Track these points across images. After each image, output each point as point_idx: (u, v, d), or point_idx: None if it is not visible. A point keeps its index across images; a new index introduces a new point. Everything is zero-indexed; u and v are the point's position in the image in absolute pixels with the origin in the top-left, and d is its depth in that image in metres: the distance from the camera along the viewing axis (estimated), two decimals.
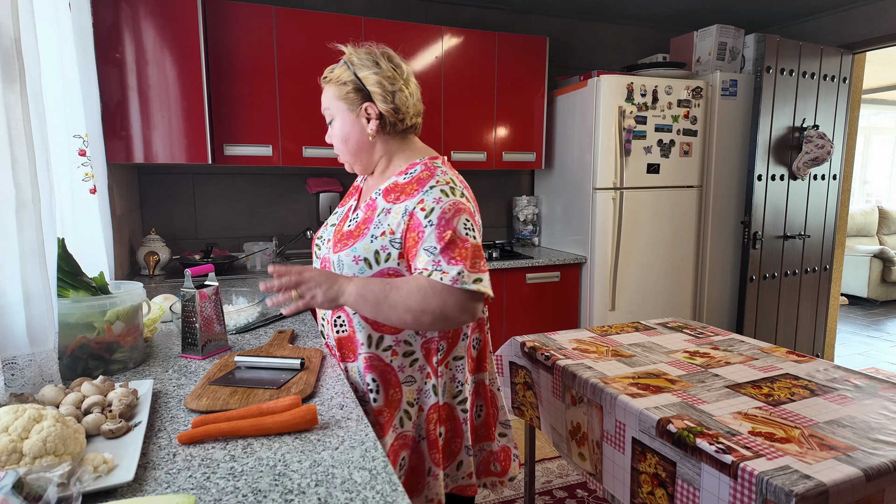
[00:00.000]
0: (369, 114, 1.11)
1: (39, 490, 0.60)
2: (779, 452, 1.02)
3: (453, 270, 0.96)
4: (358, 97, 1.10)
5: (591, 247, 2.91)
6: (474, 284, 0.97)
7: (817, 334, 3.44)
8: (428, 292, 0.96)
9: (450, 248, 0.99)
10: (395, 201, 1.07)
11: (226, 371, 1.08)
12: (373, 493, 0.70)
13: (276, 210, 2.94)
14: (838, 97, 3.21)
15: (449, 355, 1.13)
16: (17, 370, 0.97)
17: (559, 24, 3.42)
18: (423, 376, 1.12)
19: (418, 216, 1.02)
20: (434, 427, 1.12)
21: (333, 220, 1.24)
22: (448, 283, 0.96)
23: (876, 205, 6.38)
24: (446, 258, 0.98)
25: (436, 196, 1.03)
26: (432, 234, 1.00)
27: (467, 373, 1.17)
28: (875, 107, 6.66)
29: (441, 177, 1.07)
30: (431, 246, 0.99)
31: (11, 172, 0.96)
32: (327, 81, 1.13)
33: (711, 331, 1.83)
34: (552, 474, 2.36)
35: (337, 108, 1.12)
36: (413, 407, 1.12)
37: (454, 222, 1.01)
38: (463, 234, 1.01)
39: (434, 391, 1.12)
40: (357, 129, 1.12)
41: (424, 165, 1.11)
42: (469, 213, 1.05)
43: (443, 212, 1.01)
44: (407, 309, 0.97)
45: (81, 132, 1.63)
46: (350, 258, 1.06)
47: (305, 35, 2.52)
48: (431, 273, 0.97)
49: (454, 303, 0.97)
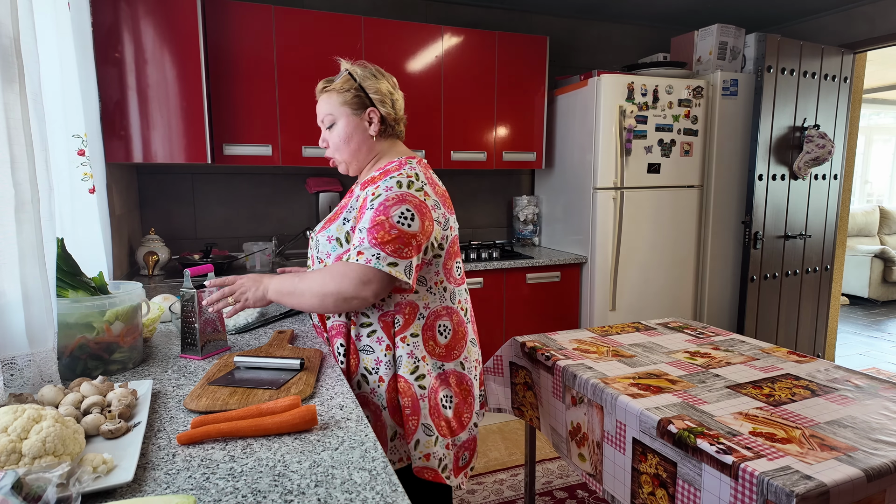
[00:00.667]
0: (371, 118, 1.25)
1: (39, 490, 0.60)
2: (780, 453, 1.02)
3: (369, 252, 1.08)
4: (361, 103, 1.24)
5: (592, 247, 2.91)
6: (387, 267, 1.08)
7: (818, 334, 3.43)
8: (326, 277, 1.10)
9: (375, 229, 1.09)
10: (363, 188, 1.21)
11: (225, 371, 1.08)
12: (372, 493, 0.69)
13: (275, 210, 2.94)
14: (839, 97, 3.20)
15: (405, 331, 1.20)
16: (16, 370, 0.97)
17: (559, 24, 3.41)
18: (381, 347, 1.20)
19: (368, 200, 1.15)
20: (393, 397, 1.21)
21: None
22: (359, 262, 1.08)
23: (877, 205, 6.37)
24: (369, 238, 1.09)
25: (388, 185, 1.15)
26: (369, 215, 1.12)
27: (424, 352, 1.21)
28: (876, 106, 6.65)
29: (407, 170, 1.19)
30: (363, 226, 1.12)
31: (11, 172, 0.96)
32: (328, 90, 1.25)
33: (712, 331, 1.82)
34: (552, 475, 2.36)
35: (340, 112, 1.24)
36: (372, 374, 1.20)
37: (391, 210, 1.11)
38: (395, 220, 1.10)
39: (394, 363, 1.20)
40: (360, 130, 1.26)
41: (398, 162, 1.23)
42: (415, 206, 1.14)
43: (386, 199, 1.13)
44: (312, 294, 1.11)
45: (80, 132, 1.63)
46: (325, 238, 1.22)
47: (305, 35, 2.51)
48: (353, 251, 1.10)
49: (349, 284, 1.08)
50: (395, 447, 1.23)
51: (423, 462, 1.20)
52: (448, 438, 1.24)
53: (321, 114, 1.27)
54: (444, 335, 1.25)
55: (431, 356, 1.22)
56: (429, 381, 1.21)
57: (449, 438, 1.24)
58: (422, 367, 1.21)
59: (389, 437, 1.22)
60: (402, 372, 1.20)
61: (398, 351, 1.20)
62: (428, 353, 1.22)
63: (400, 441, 1.22)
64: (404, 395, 1.19)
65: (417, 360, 1.21)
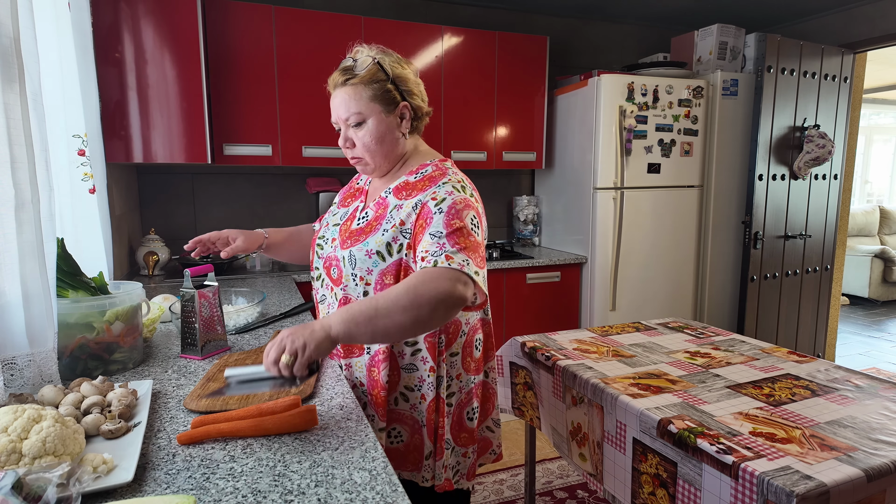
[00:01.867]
0: (404, 113, 1.13)
1: (39, 490, 0.60)
2: (780, 453, 1.02)
3: (459, 257, 0.97)
4: (393, 97, 1.10)
5: (592, 247, 2.91)
6: (475, 276, 0.99)
7: (818, 334, 3.43)
8: (417, 285, 0.93)
9: (456, 234, 1.00)
10: (406, 197, 1.10)
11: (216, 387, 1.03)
12: (373, 493, 0.69)
13: (276, 210, 2.94)
14: (839, 97, 3.20)
15: (448, 350, 1.15)
16: (16, 370, 0.97)
17: (560, 24, 3.41)
18: (426, 367, 1.14)
19: (429, 205, 1.05)
20: (432, 416, 1.16)
21: (335, 220, 1.24)
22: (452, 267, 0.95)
23: (877, 204, 6.37)
24: (451, 242, 0.99)
25: (448, 189, 1.07)
26: (440, 220, 1.02)
27: (461, 370, 1.18)
28: (876, 106, 6.65)
29: (452, 176, 1.12)
30: (437, 231, 1.01)
31: (11, 172, 0.96)
32: (355, 82, 1.08)
33: (712, 331, 1.82)
34: (552, 475, 2.36)
35: (371, 109, 1.09)
36: (413, 392, 1.15)
37: (464, 214, 1.04)
38: (470, 227, 1.03)
39: (438, 383, 1.15)
40: (393, 129, 1.12)
41: (435, 166, 1.15)
42: (477, 213, 1.08)
43: (454, 202, 1.04)
44: (402, 309, 0.91)
45: (81, 132, 1.63)
46: (363, 252, 1.09)
47: (305, 34, 2.51)
48: (435, 257, 0.97)
49: (449, 284, 0.94)
50: (428, 466, 1.17)
51: (443, 475, 1.18)
52: (467, 447, 1.23)
53: (346, 111, 1.10)
54: (478, 348, 1.22)
55: (467, 373, 1.19)
56: (457, 398, 1.19)
57: (468, 447, 1.23)
58: (453, 385, 1.17)
59: (425, 456, 1.17)
60: (441, 392, 1.16)
61: (440, 371, 1.15)
62: (464, 370, 1.19)
63: (433, 460, 1.18)
64: (441, 416, 1.16)
65: (452, 379, 1.17)
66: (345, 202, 1.29)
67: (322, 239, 1.23)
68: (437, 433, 1.17)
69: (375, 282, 1.10)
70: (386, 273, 1.09)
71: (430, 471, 1.18)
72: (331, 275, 1.17)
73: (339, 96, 1.11)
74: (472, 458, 1.25)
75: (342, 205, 1.29)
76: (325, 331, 0.89)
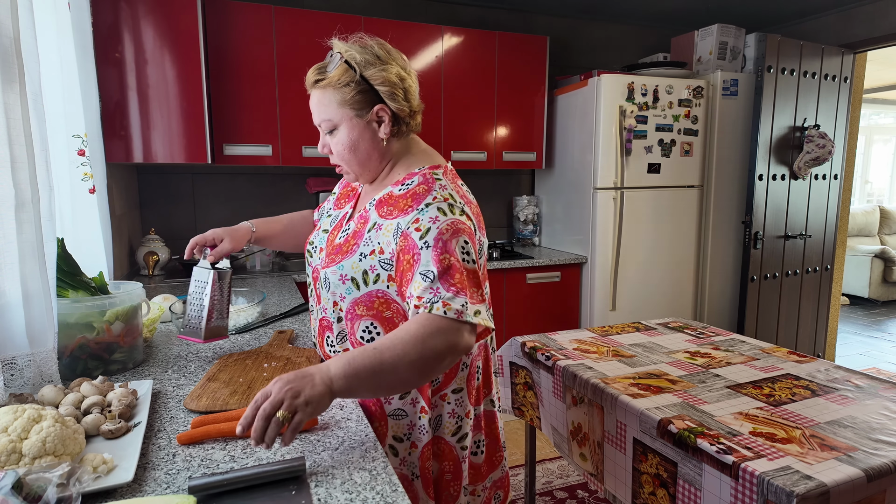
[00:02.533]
0: (381, 117, 1.00)
1: (39, 490, 0.60)
2: (780, 453, 1.02)
3: (457, 302, 0.86)
4: (366, 99, 0.98)
5: (592, 247, 2.91)
6: (475, 317, 0.87)
7: (818, 334, 3.43)
8: (426, 337, 0.83)
9: (448, 274, 0.88)
10: (386, 215, 0.98)
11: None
12: (373, 493, 0.69)
13: (276, 210, 2.93)
14: (839, 97, 3.20)
15: (446, 387, 1.03)
16: (16, 370, 0.97)
17: (560, 24, 3.41)
18: (415, 410, 1.01)
19: (413, 237, 0.92)
20: (428, 465, 1.02)
21: (327, 224, 1.15)
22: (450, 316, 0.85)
23: (877, 204, 6.37)
24: (445, 285, 0.87)
25: (432, 215, 0.93)
26: (429, 256, 0.89)
27: (469, 406, 1.06)
28: (876, 106, 6.65)
29: (439, 192, 0.97)
30: (428, 270, 0.89)
31: (11, 172, 0.96)
32: (323, 85, 0.99)
33: (712, 331, 1.82)
34: (553, 475, 2.36)
35: (341, 115, 0.99)
36: (402, 443, 1.02)
37: (452, 244, 0.91)
38: (461, 257, 0.91)
39: (430, 425, 1.01)
40: (367, 135, 1.00)
41: (423, 177, 1.00)
42: (468, 234, 0.94)
43: (440, 232, 0.91)
44: (409, 363, 0.82)
45: (81, 132, 1.63)
46: (337, 276, 0.99)
47: (305, 34, 2.51)
48: (431, 303, 0.86)
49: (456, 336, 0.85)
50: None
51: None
52: (479, 484, 1.11)
53: (317, 116, 1.02)
54: (479, 377, 1.09)
55: (472, 405, 1.07)
56: (469, 439, 1.07)
57: (480, 483, 1.11)
58: (465, 425, 1.04)
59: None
60: (442, 434, 1.03)
61: (437, 411, 1.02)
62: (472, 405, 1.06)
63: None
64: (445, 460, 1.03)
65: (461, 419, 1.04)
66: (339, 202, 1.20)
67: (311, 245, 1.14)
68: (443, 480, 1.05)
69: (347, 310, 1.00)
70: (358, 303, 0.98)
71: None
72: (317, 287, 1.08)
73: (312, 98, 1.02)
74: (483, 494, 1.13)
75: (337, 205, 1.19)
76: (327, 385, 0.78)
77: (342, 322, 1.02)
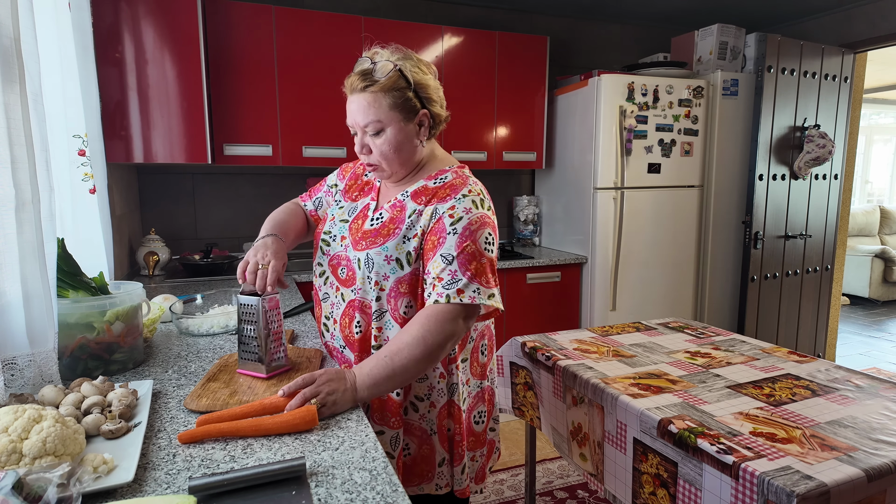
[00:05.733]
0: (422, 121, 1.10)
1: (39, 490, 0.60)
2: (780, 453, 1.02)
3: (469, 288, 1.01)
4: (413, 105, 1.07)
5: (592, 247, 2.91)
6: (489, 300, 1.02)
7: (818, 334, 3.43)
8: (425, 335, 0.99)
9: (467, 259, 1.02)
10: (425, 203, 1.09)
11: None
12: (373, 493, 0.69)
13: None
14: (839, 97, 3.20)
15: (458, 357, 1.15)
16: (16, 370, 0.97)
17: (560, 24, 3.41)
18: (435, 375, 1.14)
19: (444, 220, 1.05)
20: (445, 423, 1.16)
21: (342, 214, 1.20)
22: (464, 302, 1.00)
23: (877, 204, 6.37)
24: (462, 269, 1.01)
25: (466, 206, 1.06)
26: (453, 241, 1.03)
27: (469, 375, 1.20)
28: (876, 106, 6.65)
29: (473, 187, 1.10)
30: (449, 254, 1.02)
31: (11, 172, 0.96)
32: (374, 90, 1.04)
33: (712, 331, 1.82)
34: (553, 475, 2.36)
35: (391, 117, 1.05)
36: (423, 402, 1.15)
37: (477, 235, 1.04)
38: (482, 247, 1.04)
39: (447, 389, 1.15)
40: (411, 137, 1.10)
41: (455, 173, 1.13)
42: (493, 228, 1.08)
43: (469, 223, 1.04)
44: (416, 362, 0.98)
45: (81, 132, 1.63)
46: (381, 257, 1.08)
47: (305, 34, 2.51)
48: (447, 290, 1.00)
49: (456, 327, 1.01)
50: (441, 473, 1.17)
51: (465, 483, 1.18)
52: (475, 451, 1.24)
53: (364, 118, 1.05)
54: (484, 353, 1.23)
55: (474, 377, 1.21)
56: (467, 404, 1.19)
57: (477, 451, 1.24)
58: (464, 390, 1.18)
59: (438, 463, 1.17)
60: (455, 398, 1.16)
61: (452, 378, 1.15)
62: (472, 375, 1.20)
63: (447, 467, 1.18)
64: (456, 422, 1.16)
65: (463, 385, 1.18)
66: (350, 194, 1.24)
67: (329, 235, 1.19)
68: (453, 440, 1.17)
69: (390, 288, 1.09)
70: (402, 281, 1.08)
71: (444, 478, 1.18)
72: (337, 274, 1.15)
73: (356, 102, 1.06)
74: (480, 461, 1.25)
75: (348, 197, 1.24)
76: (353, 394, 0.94)
77: (382, 301, 1.10)
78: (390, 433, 1.14)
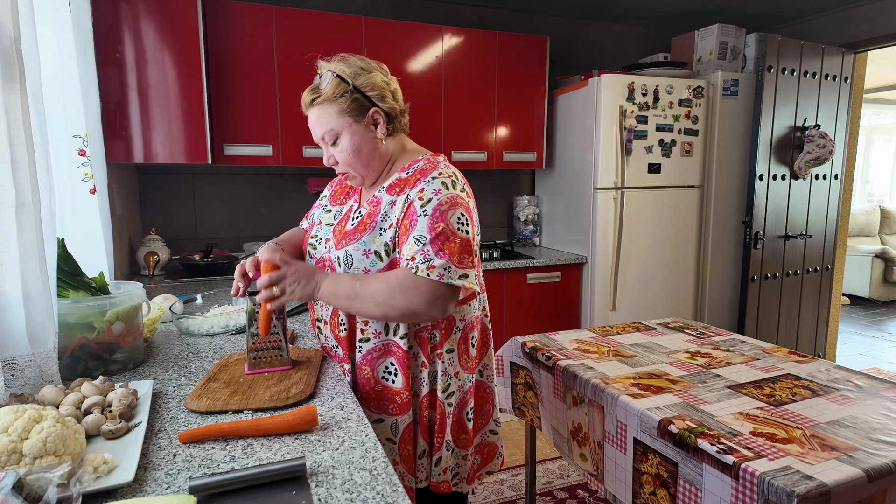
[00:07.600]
0: (376, 119, 1.11)
1: (39, 490, 0.60)
2: (780, 453, 1.02)
3: (439, 263, 1.01)
4: (361, 106, 1.10)
5: (592, 247, 2.91)
6: (459, 280, 1.02)
7: (819, 334, 3.43)
8: (396, 289, 1.01)
9: (439, 239, 1.02)
10: (399, 193, 1.11)
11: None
12: (373, 493, 0.69)
13: (276, 210, 2.94)
14: (840, 97, 3.20)
15: (441, 347, 1.15)
16: (16, 370, 0.97)
17: (560, 24, 3.41)
18: (417, 364, 1.15)
19: (415, 204, 1.06)
20: (426, 414, 1.17)
21: (329, 218, 1.23)
22: (432, 277, 1.00)
23: (877, 204, 6.37)
24: (435, 248, 1.02)
25: (436, 187, 1.06)
26: (424, 223, 1.03)
27: (458, 367, 1.18)
28: (876, 106, 6.65)
29: (444, 170, 1.11)
30: (421, 235, 1.03)
31: (11, 172, 0.96)
32: (320, 102, 1.09)
33: (713, 331, 1.82)
34: (553, 475, 2.36)
35: (342, 123, 1.10)
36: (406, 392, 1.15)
37: (448, 215, 1.04)
38: (455, 227, 1.04)
39: (428, 379, 1.15)
40: (368, 138, 1.12)
41: (427, 160, 1.15)
42: (465, 208, 1.07)
43: (439, 203, 1.05)
44: (376, 303, 1.02)
45: (81, 132, 1.63)
46: (360, 252, 1.09)
47: (306, 35, 2.51)
48: (418, 264, 1.01)
49: (421, 300, 1.01)
50: (421, 465, 1.18)
51: (441, 477, 1.18)
52: (466, 449, 1.23)
53: (319, 131, 1.12)
54: (474, 346, 1.22)
55: (464, 370, 1.19)
56: (457, 398, 1.18)
57: (468, 449, 1.23)
58: (453, 383, 1.17)
59: (418, 456, 1.18)
60: (436, 388, 1.16)
61: (435, 367, 1.15)
62: (461, 367, 1.19)
63: (427, 459, 1.18)
64: (436, 413, 1.16)
65: (450, 378, 1.16)
66: (337, 199, 1.27)
67: (315, 239, 1.22)
68: (434, 432, 1.17)
69: None
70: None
71: (424, 470, 1.18)
72: None
73: (311, 117, 1.12)
74: (471, 461, 1.25)
75: (335, 201, 1.27)
76: (314, 288, 1.04)
77: None
78: (389, 420, 1.15)
